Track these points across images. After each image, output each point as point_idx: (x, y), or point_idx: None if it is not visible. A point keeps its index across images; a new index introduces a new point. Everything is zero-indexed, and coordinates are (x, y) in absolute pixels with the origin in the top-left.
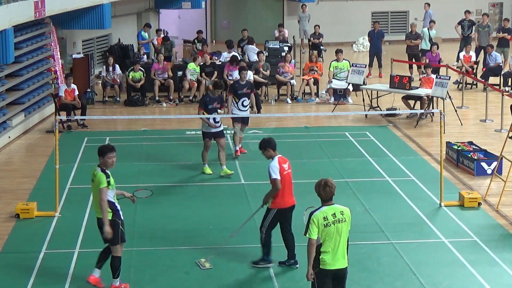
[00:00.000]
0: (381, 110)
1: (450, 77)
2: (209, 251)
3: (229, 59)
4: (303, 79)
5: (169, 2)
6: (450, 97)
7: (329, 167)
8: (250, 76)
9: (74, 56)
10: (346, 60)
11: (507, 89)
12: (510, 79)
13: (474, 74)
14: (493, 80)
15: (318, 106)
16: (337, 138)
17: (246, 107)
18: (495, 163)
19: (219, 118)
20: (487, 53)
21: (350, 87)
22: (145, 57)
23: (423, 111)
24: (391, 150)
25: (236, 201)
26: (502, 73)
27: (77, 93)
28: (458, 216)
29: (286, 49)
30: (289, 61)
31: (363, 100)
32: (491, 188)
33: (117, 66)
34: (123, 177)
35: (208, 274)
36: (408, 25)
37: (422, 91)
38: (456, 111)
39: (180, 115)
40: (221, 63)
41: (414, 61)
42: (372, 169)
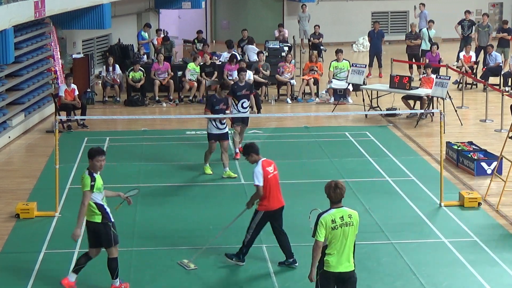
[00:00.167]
0: (381, 110)
1: (450, 77)
2: (210, 251)
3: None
4: (303, 79)
5: (169, 2)
6: (450, 97)
7: (329, 167)
8: (250, 76)
9: (74, 56)
10: (346, 60)
11: (507, 89)
12: (510, 79)
13: (474, 74)
14: (493, 80)
15: (318, 106)
16: (337, 138)
17: (245, 109)
18: (495, 163)
19: (224, 120)
20: (487, 53)
21: (350, 87)
22: (145, 57)
23: (423, 111)
24: (391, 150)
25: (236, 201)
26: (502, 73)
27: (77, 93)
28: (458, 216)
29: (286, 49)
30: (290, 61)
31: (363, 100)
32: (491, 188)
33: (117, 66)
34: (123, 177)
35: (207, 274)
36: (408, 25)
37: (422, 91)
38: (456, 111)
39: (180, 115)
40: (221, 63)
41: (414, 61)
42: (372, 169)
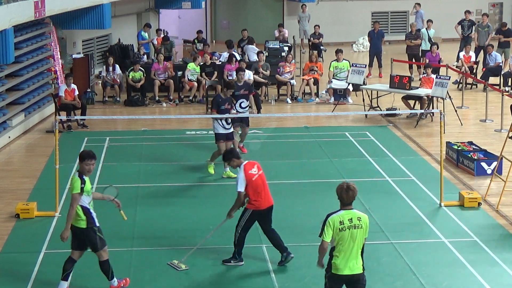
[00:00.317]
0: (381, 110)
1: (450, 77)
2: (209, 251)
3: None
4: (303, 79)
5: (169, 2)
6: (450, 97)
7: (329, 167)
8: (250, 76)
9: (74, 56)
10: (346, 60)
11: (507, 89)
12: (510, 79)
13: (474, 74)
14: (493, 80)
15: (318, 106)
16: (337, 138)
17: (244, 109)
18: (495, 163)
19: (230, 120)
20: (487, 53)
21: (350, 87)
22: (145, 57)
23: (423, 111)
24: (391, 150)
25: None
26: (502, 73)
27: (77, 93)
28: (458, 216)
29: (286, 49)
30: (290, 61)
31: (363, 100)
32: (491, 188)
33: (117, 66)
34: (123, 177)
35: (207, 274)
36: (408, 25)
37: (422, 91)
38: (456, 111)
39: (180, 115)
40: (221, 63)
41: (414, 61)
42: (372, 169)
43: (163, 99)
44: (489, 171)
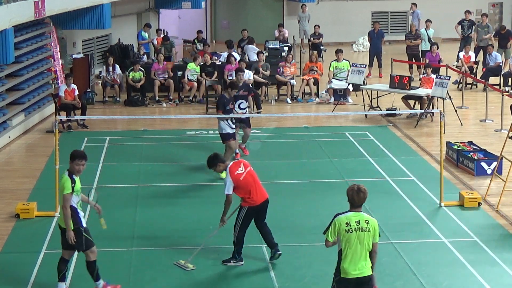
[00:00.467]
0: (381, 110)
1: (450, 77)
2: (209, 251)
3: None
4: (303, 79)
5: (169, 2)
6: (450, 97)
7: (329, 167)
8: (250, 76)
9: (74, 56)
10: (346, 60)
11: (507, 89)
12: (510, 79)
13: (474, 74)
14: (493, 80)
15: (318, 106)
16: (337, 138)
17: (243, 110)
18: (495, 163)
19: (234, 120)
20: (487, 53)
21: (350, 87)
22: (145, 57)
23: (423, 111)
24: (391, 150)
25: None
26: (502, 73)
27: (77, 93)
28: (458, 216)
29: (286, 49)
30: (290, 61)
31: (363, 100)
32: (491, 188)
33: (117, 66)
34: (123, 177)
35: (207, 274)
36: (408, 25)
37: (422, 91)
38: (456, 111)
39: (180, 115)
40: (221, 63)
41: (414, 61)
42: (372, 169)
43: (163, 99)
44: (489, 171)
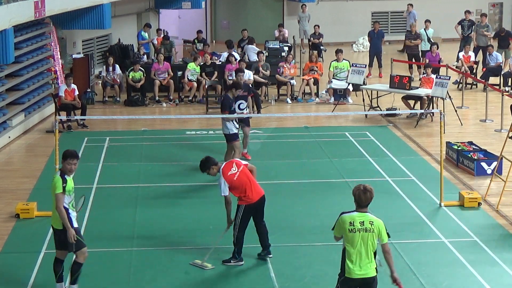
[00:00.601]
0: (381, 110)
1: (450, 77)
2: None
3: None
4: (303, 79)
5: (169, 2)
6: (450, 97)
7: (329, 167)
8: (250, 76)
9: (74, 56)
10: (346, 60)
11: (507, 89)
12: (510, 79)
13: (474, 74)
14: (493, 80)
15: (318, 106)
16: (337, 138)
17: (242, 110)
18: (495, 163)
19: (237, 120)
20: (486, 53)
21: (350, 87)
22: (145, 57)
23: (423, 111)
24: (391, 150)
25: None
26: (502, 73)
27: (77, 93)
28: (458, 216)
29: (286, 49)
30: (290, 61)
31: (363, 100)
32: (491, 188)
33: (117, 66)
34: (123, 177)
35: (207, 274)
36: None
37: (422, 91)
38: (456, 111)
39: (180, 115)
40: (221, 63)
41: (414, 61)
42: (372, 169)
43: (163, 99)
44: (489, 171)
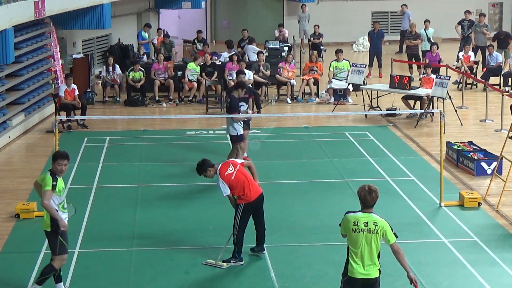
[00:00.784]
0: (381, 110)
1: (450, 77)
2: (210, 251)
3: (229, 59)
4: (303, 79)
5: (169, 2)
6: (450, 97)
7: (329, 167)
8: (250, 76)
9: (74, 56)
10: (346, 60)
11: (507, 89)
12: (510, 79)
13: (474, 74)
14: (493, 80)
15: (318, 106)
16: (337, 138)
17: (242, 113)
18: (495, 163)
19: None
20: (486, 53)
21: (350, 87)
22: (145, 57)
23: (423, 111)
24: (391, 150)
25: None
26: (502, 73)
27: (77, 93)
28: (458, 216)
29: (286, 49)
30: (290, 61)
31: (363, 100)
32: (491, 188)
33: (117, 66)
34: (123, 177)
35: (207, 274)
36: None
37: (422, 91)
38: (456, 111)
39: (180, 115)
40: (221, 63)
41: (414, 61)
42: (372, 169)
43: (163, 99)
44: (489, 171)
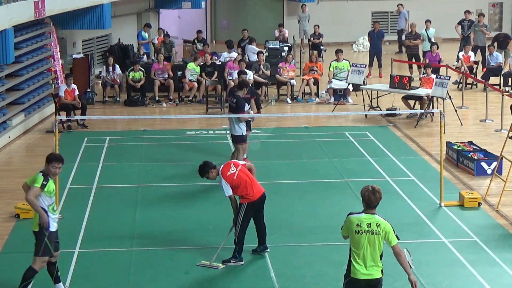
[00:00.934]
0: (381, 110)
1: (450, 77)
2: (210, 251)
3: (229, 59)
4: (303, 79)
5: (169, 2)
6: (450, 97)
7: (329, 167)
8: (250, 76)
9: (74, 56)
10: (346, 60)
11: (507, 89)
12: (510, 79)
13: (474, 74)
14: (493, 80)
15: (318, 106)
16: (337, 138)
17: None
18: (495, 163)
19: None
20: (485, 53)
21: (350, 87)
22: (145, 57)
23: (423, 111)
24: (391, 150)
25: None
26: (502, 73)
27: (77, 93)
28: (458, 216)
29: (286, 49)
30: (290, 61)
31: (363, 100)
32: (491, 188)
33: (117, 66)
34: (123, 177)
35: (207, 274)
36: (408, 25)
37: (422, 91)
38: (456, 111)
39: (180, 115)
40: (221, 63)
41: (414, 61)
42: (372, 169)
43: (163, 99)
44: (489, 171)
